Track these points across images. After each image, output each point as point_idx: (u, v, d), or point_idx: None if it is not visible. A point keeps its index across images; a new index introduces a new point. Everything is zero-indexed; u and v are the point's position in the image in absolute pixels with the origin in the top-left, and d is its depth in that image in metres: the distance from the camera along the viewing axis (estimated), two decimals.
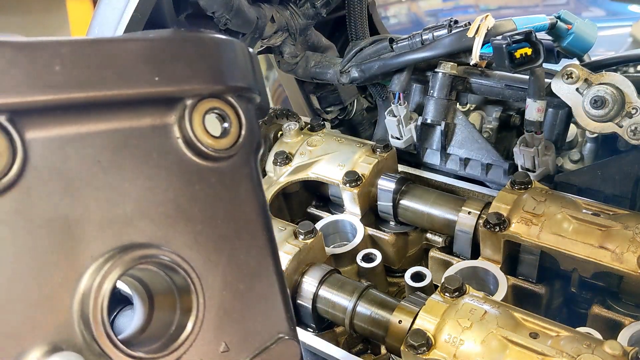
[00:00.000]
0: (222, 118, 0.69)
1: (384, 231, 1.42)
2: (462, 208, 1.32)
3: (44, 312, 0.56)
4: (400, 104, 1.50)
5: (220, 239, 0.70)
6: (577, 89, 1.20)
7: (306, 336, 1.14)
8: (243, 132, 0.70)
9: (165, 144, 0.65)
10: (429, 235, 1.44)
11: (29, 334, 0.55)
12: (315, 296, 1.17)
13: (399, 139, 1.56)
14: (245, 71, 0.73)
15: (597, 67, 1.42)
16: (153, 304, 0.69)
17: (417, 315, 1.00)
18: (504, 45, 1.21)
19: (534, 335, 0.92)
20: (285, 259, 1.16)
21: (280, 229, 1.27)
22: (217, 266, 0.69)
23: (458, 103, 1.51)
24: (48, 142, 0.57)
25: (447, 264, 1.32)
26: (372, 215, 1.46)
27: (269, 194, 1.43)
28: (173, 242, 0.65)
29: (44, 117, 0.57)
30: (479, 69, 1.45)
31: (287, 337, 0.76)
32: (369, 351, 1.28)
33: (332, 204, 1.57)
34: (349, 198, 1.41)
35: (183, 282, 0.65)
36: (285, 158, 1.50)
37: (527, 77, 1.28)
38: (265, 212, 0.75)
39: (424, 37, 1.43)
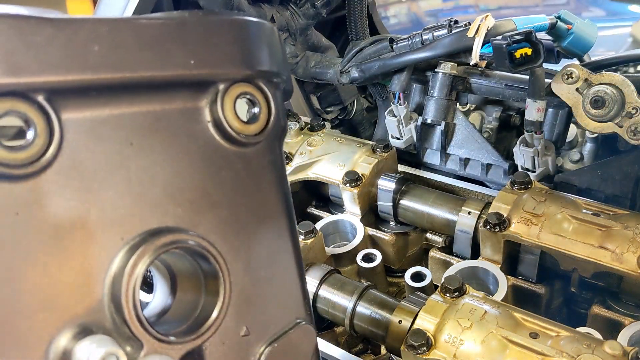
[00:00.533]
0: (252, 103, 0.69)
1: (384, 231, 1.42)
2: (462, 208, 1.32)
3: (74, 294, 0.56)
4: (400, 104, 1.50)
5: (244, 224, 0.70)
6: (577, 89, 1.20)
7: None
8: (272, 118, 0.70)
9: (195, 127, 0.65)
10: (429, 235, 1.44)
11: (60, 316, 0.55)
12: (315, 296, 1.17)
13: (399, 139, 1.56)
14: (275, 55, 0.72)
15: (597, 67, 1.42)
16: (176, 286, 0.69)
17: (417, 315, 1.00)
18: (504, 45, 1.21)
19: (534, 335, 0.92)
20: None
21: None
22: (239, 251, 0.69)
23: (458, 103, 1.51)
24: (83, 122, 0.56)
25: (447, 264, 1.32)
26: (372, 215, 1.46)
27: None
28: (200, 226, 0.65)
29: (80, 97, 0.56)
30: (479, 69, 1.45)
31: (304, 323, 0.77)
32: (369, 351, 1.28)
33: (332, 204, 1.57)
34: (349, 198, 1.41)
35: (210, 267, 0.65)
36: (285, 158, 1.50)
37: (527, 77, 1.28)
38: (287, 198, 0.74)
39: (424, 37, 1.43)
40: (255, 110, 0.69)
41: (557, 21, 1.36)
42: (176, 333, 0.63)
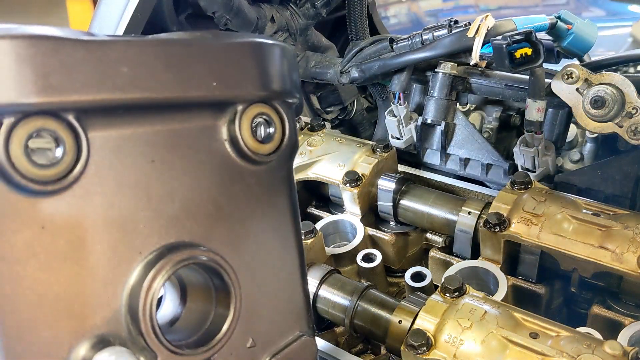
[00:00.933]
0: (267, 123, 0.71)
1: (384, 231, 1.42)
2: (462, 208, 1.32)
3: (93, 305, 0.57)
4: (400, 104, 1.50)
5: (253, 239, 0.72)
6: (577, 89, 1.20)
7: None
8: (286, 138, 0.72)
9: (212, 145, 0.67)
10: (429, 235, 1.44)
11: (80, 326, 0.56)
12: (315, 296, 1.17)
13: (399, 139, 1.56)
14: (291, 76, 0.74)
15: (597, 67, 1.42)
16: (186, 297, 0.70)
17: (417, 315, 1.00)
18: (504, 45, 1.20)
19: (534, 336, 0.92)
20: None
21: None
22: (249, 265, 0.71)
23: (458, 103, 1.51)
24: (108, 140, 0.58)
25: (447, 264, 1.32)
26: (372, 215, 1.46)
27: None
28: (214, 241, 0.67)
29: (107, 116, 0.58)
30: (479, 69, 1.44)
31: (306, 336, 0.78)
32: (369, 351, 1.28)
33: (332, 204, 1.57)
34: (349, 198, 1.41)
35: (223, 282, 0.67)
36: None
37: (527, 77, 1.28)
38: (296, 214, 0.76)
39: (424, 37, 1.43)
40: (271, 130, 0.71)
41: (557, 21, 1.36)
42: (188, 344, 0.65)
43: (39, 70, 0.51)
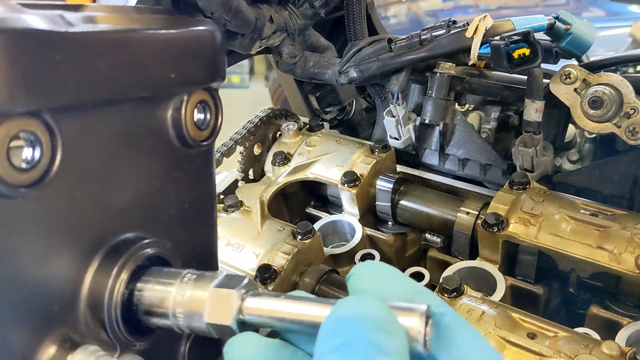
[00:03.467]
0: (204, 110, 0.73)
1: (382, 231, 1.42)
2: (461, 208, 1.32)
3: (53, 304, 0.56)
4: (398, 105, 1.50)
5: (186, 222, 0.74)
6: (575, 90, 1.20)
7: None
8: (219, 123, 0.75)
9: (159, 133, 0.68)
10: (427, 236, 1.44)
11: (42, 326, 0.55)
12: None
13: (397, 139, 1.56)
14: (224, 61, 0.76)
15: (595, 67, 1.41)
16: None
17: None
18: (502, 46, 1.20)
19: (532, 336, 0.92)
20: (283, 260, 1.16)
21: (279, 229, 1.27)
22: (183, 247, 0.73)
23: (457, 103, 1.51)
24: (76, 134, 0.57)
25: (445, 264, 1.32)
26: (370, 215, 1.46)
27: (267, 194, 1.43)
28: (159, 231, 0.68)
29: (78, 112, 0.57)
30: (478, 69, 1.44)
31: None
32: None
33: (330, 204, 1.57)
34: (348, 198, 1.41)
35: None
36: (283, 158, 1.50)
37: (526, 77, 1.28)
38: (214, 192, 0.80)
39: (422, 38, 1.42)
40: (208, 116, 0.73)
41: (555, 22, 1.36)
42: (138, 332, 0.66)
43: (26, 68, 0.49)
